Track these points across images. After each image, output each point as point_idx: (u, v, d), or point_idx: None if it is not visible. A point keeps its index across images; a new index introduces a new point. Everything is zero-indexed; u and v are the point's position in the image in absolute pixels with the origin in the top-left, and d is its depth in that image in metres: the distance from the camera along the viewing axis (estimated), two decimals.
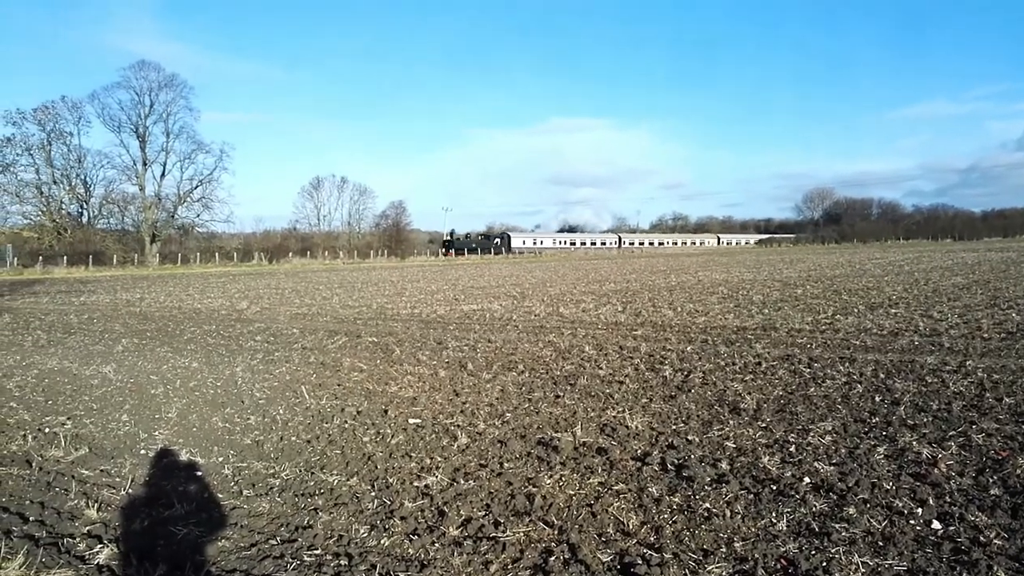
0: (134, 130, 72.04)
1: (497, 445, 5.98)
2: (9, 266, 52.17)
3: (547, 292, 23.38)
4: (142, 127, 72.13)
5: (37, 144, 67.41)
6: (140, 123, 72.00)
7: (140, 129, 72.13)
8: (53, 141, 68.36)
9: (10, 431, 6.97)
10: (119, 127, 71.75)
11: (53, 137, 68.27)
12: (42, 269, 51.37)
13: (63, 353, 12.13)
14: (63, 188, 70.26)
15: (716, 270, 36.45)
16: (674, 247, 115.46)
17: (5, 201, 66.86)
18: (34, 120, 66.97)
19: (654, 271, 37.33)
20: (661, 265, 46.31)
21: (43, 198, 68.75)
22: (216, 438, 6.56)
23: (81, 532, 4.46)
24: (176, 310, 20.11)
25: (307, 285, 31.22)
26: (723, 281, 26.95)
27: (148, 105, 71.93)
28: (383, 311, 18.08)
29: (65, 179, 70.17)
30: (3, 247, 57.02)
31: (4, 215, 67.05)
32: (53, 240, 64.82)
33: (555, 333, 12.74)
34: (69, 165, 70.12)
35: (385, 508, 4.68)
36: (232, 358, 11.01)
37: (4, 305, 23.39)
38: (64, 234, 66.55)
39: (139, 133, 72.19)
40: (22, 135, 66.44)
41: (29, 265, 53.22)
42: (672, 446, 5.77)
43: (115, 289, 31.35)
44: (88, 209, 72.87)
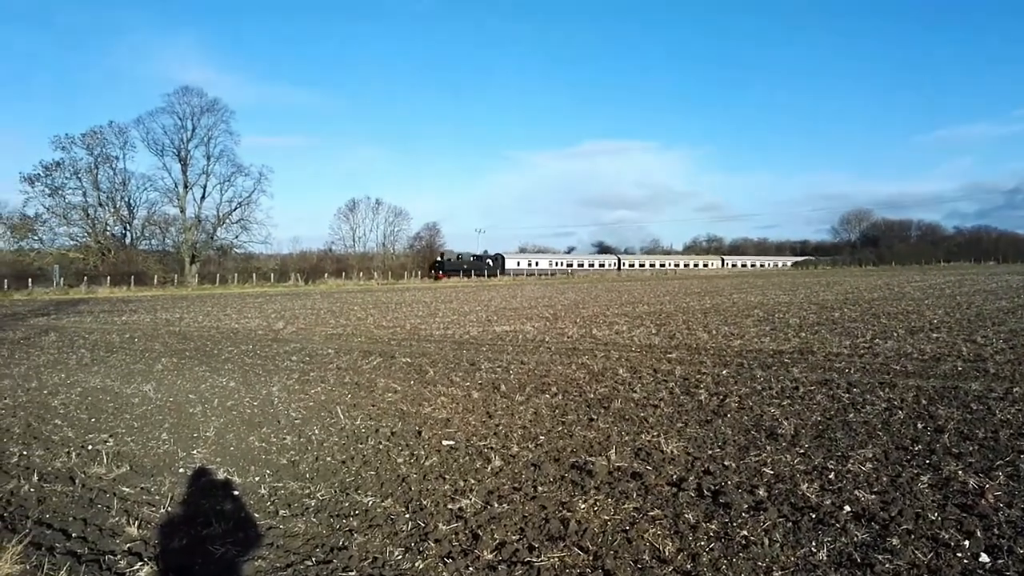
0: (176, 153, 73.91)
1: (531, 468, 5.95)
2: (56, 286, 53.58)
3: (580, 314, 23.32)
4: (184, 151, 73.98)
5: (85, 168, 69.58)
6: (182, 147, 73.87)
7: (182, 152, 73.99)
8: (100, 165, 70.50)
9: (55, 448, 7.13)
10: (162, 151, 73.69)
11: (100, 161, 70.40)
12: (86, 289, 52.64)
13: (106, 371, 12.39)
14: (108, 210, 72.26)
15: (751, 292, 36.03)
16: (676, 269, 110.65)
17: (53, 223, 69.00)
18: (82, 145, 69.19)
19: (688, 293, 37.04)
20: (696, 287, 45.92)
21: (89, 220, 70.74)
22: (253, 457, 6.64)
23: (122, 549, 4.54)
24: (214, 330, 20.45)
25: (342, 306, 31.55)
26: (758, 303, 26.62)
27: (190, 129, 73.81)
28: (416, 332, 18.18)
29: (110, 202, 72.20)
30: (51, 268, 58.71)
31: (52, 236, 69.13)
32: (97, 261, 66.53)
33: (588, 355, 12.68)
34: (114, 188, 72.17)
35: (419, 530, 4.68)
36: (268, 378, 11.15)
37: (51, 324, 24.00)
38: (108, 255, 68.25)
39: (181, 156, 74.03)
40: (71, 159, 68.68)
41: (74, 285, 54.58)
42: (708, 472, 5.70)
43: (155, 309, 31.99)
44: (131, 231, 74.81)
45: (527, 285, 59.97)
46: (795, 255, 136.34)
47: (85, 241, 70.04)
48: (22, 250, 66.84)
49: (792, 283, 49.22)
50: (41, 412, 8.95)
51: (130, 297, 47.30)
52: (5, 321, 25.68)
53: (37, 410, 9.09)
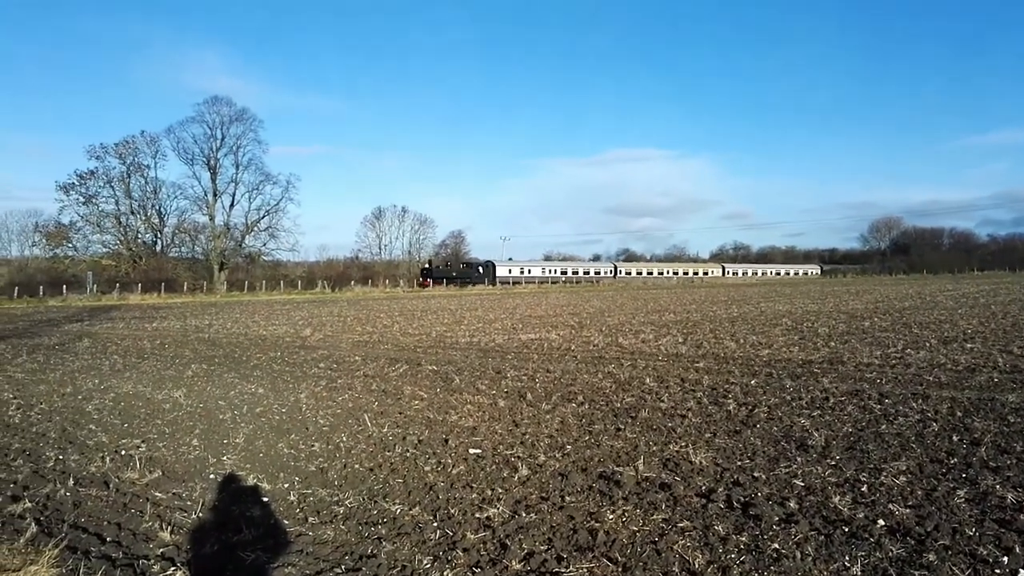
0: (206, 162, 75.06)
1: (558, 478, 5.94)
2: (89, 293, 54.61)
3: (606, 322, 23.23)
4: (213, 159, 75.11)
5: (117, 177, 70.88)
6: (212, 155, 75.01)
7: (211, 161, 75.11)
8: (132, 174, 71.77)
9: (90, 452, 7.25)
10: (192, 159, 74.90)
11: (132, 170, 71.68)
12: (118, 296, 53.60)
13: (137, 377, 12.59)
14: (140, 218, 73.51)
15: (779, 301, 35.66)
16: (677, 277, 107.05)
17: (87, 231, 70.42)
18: (115, 154, 70.52)
19: (715, 301, 36.74)
20: (722, 295, 45.55)
21: (121, 228, 72.01)
22: (282, 464, 6.70)
23: (155, 554, 4.60)
24: (243, 336, 20.69)
25: (368, 313, 31.75)
26: (787, 312, 26.33)
27: (219, 138, 74.94)
28: (442, 339, 18.24)
29: (142, 210, 73.43)
30: (84, 274, 59.84)
31: (86, 244, 70.54)
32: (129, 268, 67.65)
33: (615, 364, 12.63)
34: (146, 196, 73.42)
35: (447, 539, 4.69)
36: (296, 385, 11.25)
37: (84, 330, 24.45)
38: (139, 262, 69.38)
39: (211, 165, 75.16)
40: (104, 168, 70.03)
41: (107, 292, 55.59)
42: (738, 483, 5.64)
43: (185, 315, 32.45)
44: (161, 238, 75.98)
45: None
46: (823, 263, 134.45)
47: (117, 248, 71.32)
48: (57, 257, 68.26)
49: (820, 292, 48.61)
50: (76, 417, 9.11)
51: (160, 304, 48.05)
52: (41, 327, 26.20)
53: (72, 415, 9.26)
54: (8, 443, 7.73)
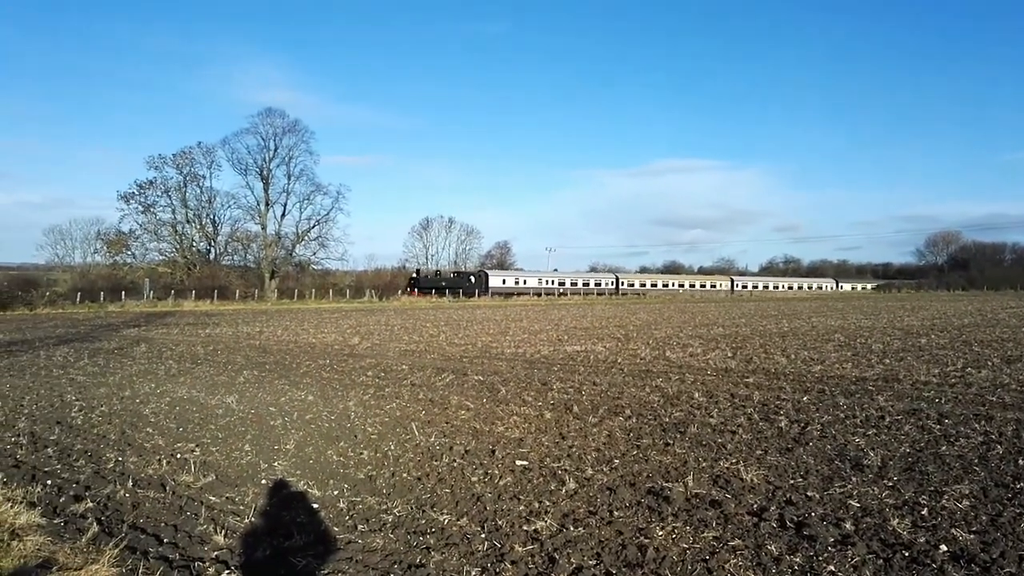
0: (259, 173, 76.69)
1: (606, 492, 5.89)
2: (146, 299, 56.18)
3: (652, 335, 23.02)
4: (266, 170, 76.69)
5: (175, 186, 72.81)
6: (264, 166, 76.59)
7: (264, 172, 76.70)
8: (188, 183, 73.61)
9: (147, 455, 7.45)
10: (246, 170, 76.59)
11: (188, 180, 73.53)
12: (173, 302, 54.98)
13: (191, 382, 12.90)
14: (195, 227, 75.34)
15: (831, 316, 34.88)
16: (683, 289, 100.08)
17: (145, 239, 72.51)
18: (173, 164, 72.48)
19: (765, 315, 36.12)
20: (772, 310, 44.76)
21: (177, 236, 73.93)
22: (331, 471, 6.78)
23: (210, 557, 4.69)
24: (293, 344, 21.05)
25: (415, 322, 32.03)
26: (839, 328, 25.74)
27: (272, 149, 76.48)
28: (488, 350, 18.29)
29: (197, 219, 75.26)
30: (142, 281, 61.63)
31: (144, 252, 72.63)
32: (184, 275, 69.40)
33: (662, 378, 12.50)
34: (201, 205, 75.23)
35: (495, 551, 4.69)
36: (345, 392, 11.40)
37: (141, 335, 25.18)
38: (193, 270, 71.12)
39: (263, 175, 76.77)
40: (162, 178, 72.07)
41: (163, 298, 57.04)
42: (790, 502, 5.52)
43: (237, 322, 33.17)
44: (215, 246, 77.73)
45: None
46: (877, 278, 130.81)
47: (173, 256, 73.21)
48: (117, 264, 70.40)
49: (874, 307, 47.41)
50: (134, 420, 9.37)
51: (213, 311, 49.20)
52: (101, 332, 27.07)
53: (130, 418, 9.52)
54: (71, 444, 7.99)
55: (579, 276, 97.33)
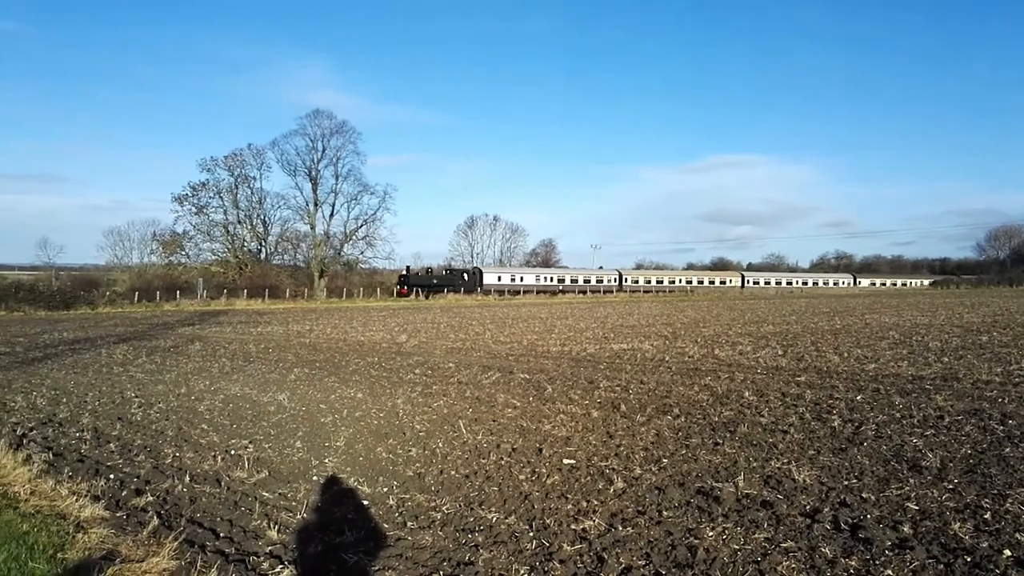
0: (308, 173, 77.96)
1: (655, 492, 5.84)
2: (200, 298, 57.67)
3: (700, 333, 22.74)
4: (315, 170, 77.92)
5: (226, 188, 74.55)
6: (313, 167, 77.82)
7: (313, 172, 77.95)
8: (239, 185, 75.29)
9: (203, 451, 7.65)
10: (295, 171, 77.95)
11: (239, 181, 75.19)
12: (226, 301, 56.38)
13: (244, 380, 13.19)
14: (246, 227, 77.03)
15: (885, 313, 33.99)
16: (702, 286, 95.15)
17: (198, 239, 74.47)
18: (225, 166, 74.21)
19: (816, 312, 35.36)
20: (824, 306, 43.80)
21: (229, 236, 75.69)
22: (380, 468, 6.87)
23: (264, 551, 4.80)
24: (341, 342, 21.37)
25: (460, 320, 32.20)
26: (894, 325, 25.07)
27: (320, 150, 77.65)
28: (533, 348, 18.29)
29: (248, 219, 76.94)
30: (196, 281, 63.29)
31: (197, 252, 74.61)
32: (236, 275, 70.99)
33: (711, 376, 12.34)
34: (252, 206, 76.86)
35: (544, 550, 4.69)
36: (393, 390, 11.53)
37: (196, 333, 25.85)
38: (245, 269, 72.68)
39: (312, 176, 78.03)
40: (214, 180, 73.86)
41: (216, 297, 58.55)
42: (845, 503, 5.40)
43: (287, 321, 33.80)
44: (266, 246, 79.30)
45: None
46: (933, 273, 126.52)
47: (225, 256, 74.95)
48: (172, 264, 72.45)
49: (931, 304, 46.04)
50: (190, 417, 9.63)
51: (264, 309, 50.23)
52: (157, 330, 27.87)
53: (186, 414, 9.79)
54: (132, 439, 8.26)
55: (580, 272, 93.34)
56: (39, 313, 41.72)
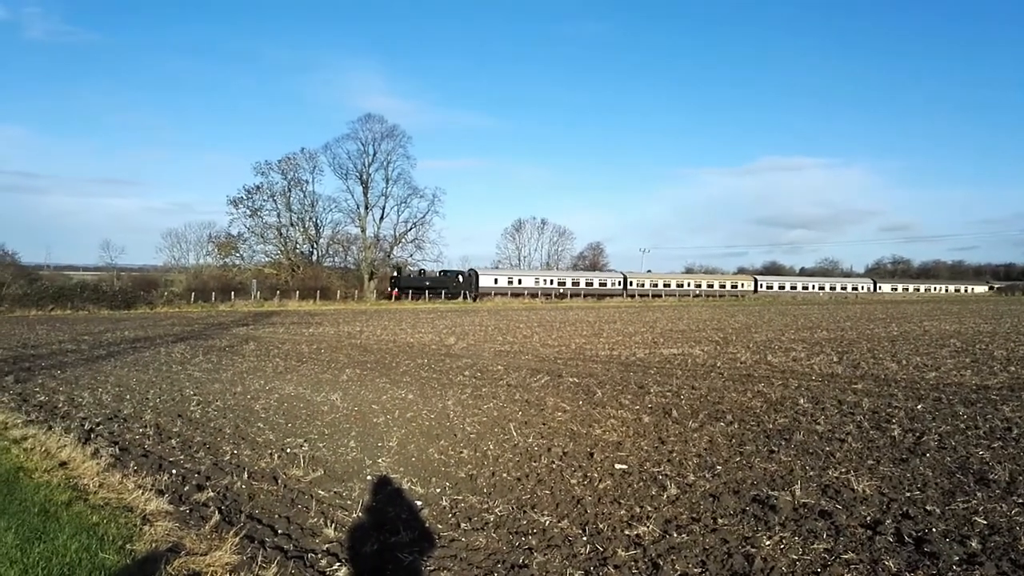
0: (359, 177, 79.14)
1: (709, 499, 5.77)
2: (254, 299, 58.99)
3: (752, 338, 22.37)
4: (365, 174, 79.07)
5: (280, 191, 76.15)
6: (364, 170, 78.98)
7: (364, 176, 79.10)
8: (292, 188, 76.84)
9: (259, 449, 7.83)
10: (346, 174, 79.23)
11: (292, 185, 76.72)
12: (278, 302, 57.50)
13: (298, 380, 13.44)
14: (298, 230, 78.50)
15: (945, 320, 32.94)
16: (702, 290, 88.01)
17: (252, 242, 76.22)
18: (278, 170, 75.81)
19: (872, 319, 34.47)
20: (880, 312, 42.67)
21: (282, 239, 77.25)
22: (433, 469, 6.93)
23: (321, 549, 4.89)
24: (391, 343, 21.62)
25: (508, 323, 32.28)
26: (955, 332, 24.28)
27: (371, 154, 78.76)
28: (582, 351, 18.23)
29: (300, 222, 78.40)
30: (250, 282, 64.78)
31: (251, 254, 76.38)
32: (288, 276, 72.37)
33: (764, 383, 12.13)
34: (304, 209, 78.32)
35: (598, 554, 4.67)
36: (443, 392, 11.62)
37: (250, 334, 26.45)
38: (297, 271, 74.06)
39: (363, 180, 79.19)
40: (268, 183, 75.53)
41: (268, 298, 59.77)
42: (908, 516, 5.25)
43: (338, 322, 34.32)
44: (317, 248, 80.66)
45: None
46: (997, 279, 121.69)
47: (278, 258, 76.48)
48: (227, 266, 74.31)
49: (994, 311, 44.45)
50: (246, 415, 9.85)
51: (315, 310, 51.09)
52: (213, 330, 28.60)
53: (243, 413, 10.02)
54: (192, 436, 8.49)
55: (582, 275, 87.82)
56: (102, 312, 43.18)
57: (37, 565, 4.39)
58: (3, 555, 4.56)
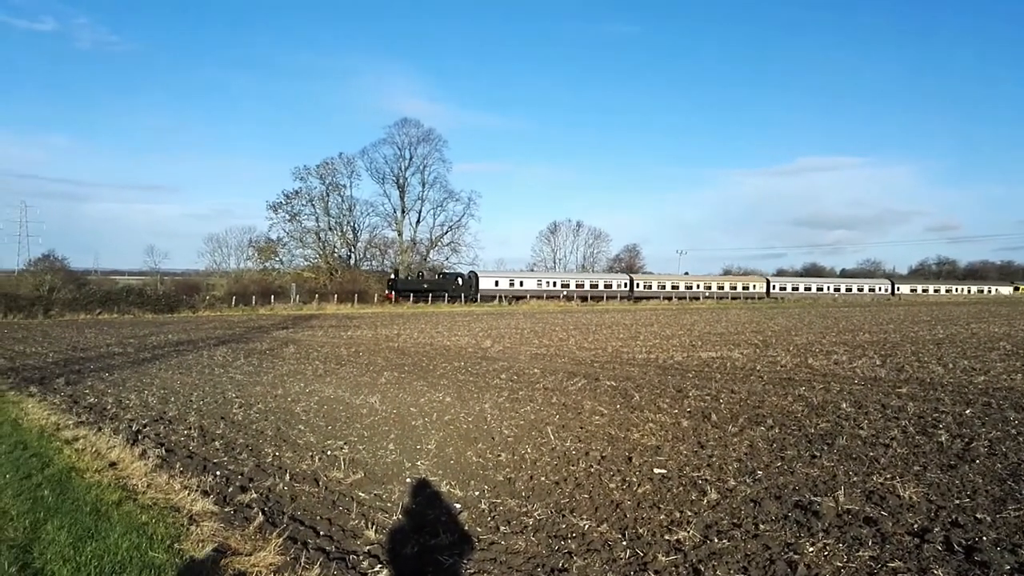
0: (395, 181, 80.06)
1: (750, 504, 5.71)
2: (293, 302, 59.86)
3: (792, 341, 22.04)
4: (402, 178, 79.97)
5: (318, 196, 77.26)
6: (400, 174, 79.88)
7: (400, 180, 80.00)
8: (330, 193, 77.90)
9: (300, 451, 7.94)
10: (383, 179, 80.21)
11: (330, 189, 77.77)
12: (317, 305, 58.23)
13: (337, 382, 13.60)
14: (336, 234, 79.53)
15: (994, 322, 32.07)
16: (711, 291, 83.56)
17: (291, 246, 77.40)
18: (317, 175, 76.92)
19: (916, 321, 33.71)
20: (925, 315, 41.70)
21: (320, 243, 78.33)
22: (471, 472, 6.96)
23: (363, 551, 4.94)
24: (428, 347, 21.75)
25: (544, 326, 32.26)
26: (1004, 335, 23.63)
27: (408, 158, 79.65)
28: (618, 355, 18.14)
29: (338, 226, 79.40)
30: (289, 286, 65.76)
31: (290, 258, 77.57)
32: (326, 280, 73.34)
33: (805, 386, 11.94)
34: (342, 214, 79.31)
35: (638, 559, 4.65)
36: (480, 395, 11.66)
37: (290, 337, 26.83)
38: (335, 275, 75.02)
39: (399, 184, 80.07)
40: (307, 188, 76.65)
41: (307, 302, 60.57)
42: (957, 523, 5.13)
43: (376, 325, 34.64)
44: (355, 252, 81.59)
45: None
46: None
47: (317, 262, 77.55)
48: (267, 270, 75.53)
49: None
50: (287, 417, 10.01)
51: (353, 314, 51.60)
52: (253, 333, 29.07)
53: (284, 415, 10.18)
54: (234, 438, 8.65)
55: (586, 277, 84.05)
56: (146, 316, 44.21)
57: (89, 563, 4.52)
58: (57, 553, 4.71)
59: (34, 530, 5.22)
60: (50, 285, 48.64)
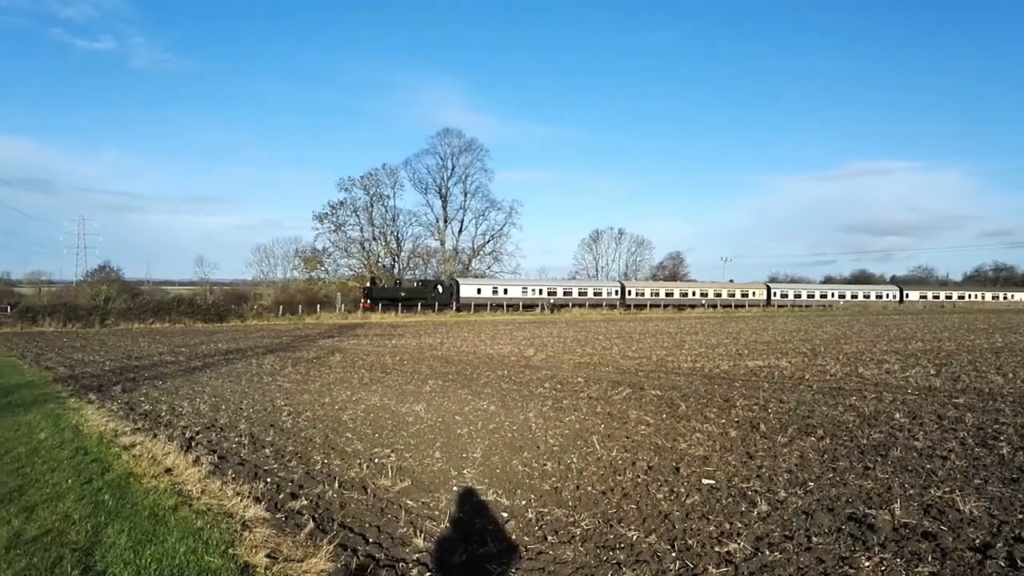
0: (438, 191, 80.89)
1: (801, 516, 5.60)
2: (338, 311, 60.75)
3: (842, 350, 21.57)
4: (444, 188, 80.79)
5: (362, 206, 78.46)
6: (443, 184, 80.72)
7: (443, 190, 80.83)
8: (374, 203, 79.03)
9: (348, 459, 8.04)
10: (426, 189, 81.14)
11: (374, 200, 78.93)
12: (361, 315, 59.02)
13: (383, 391, 13.74)
14: (380, 244, 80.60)
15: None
16: (720, 298, 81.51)
17: (336, 256, 78.63)
18: (361, 186, 78.15)
19: (972, 329, 32.71)
20: (982, 322, 40.43)
21: (364, 253, 79.48)
22: (517, 481, 6.96)
23: (412, 559, 4.98)
24: (471, 355, 21.84)
25: (587, 335, 32.13)
26: None
27: (450, 168, 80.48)
28: (663, 363, 17.97)
29: (382, 236, 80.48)
30: (334, 295, 66.76)
31: (335, 267, 78.81)
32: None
33: (856, 396, 11.67)
34: (385, 224, 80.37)
35: (688, 571, 4.60)
36: (524, 404, 11.66)
37: (335, 345, 27.21)
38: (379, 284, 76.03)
39: (442, 194, 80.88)
40: (351, 199, 77.86)
41: (352, 311, 61.49)
42: (1021, 539, 4.96)
43: (419, 334, 34.91)
44: (398, 262, 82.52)
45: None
46: None
47: (361, 272, 78.60)
48: (312, 279, 76.80)
49: None
50: (335, 425, 10.14)
51: (397, 323, 52.09)
52: (300, 342, 29.56)
53: (331, 423, 10.31)
54: (284, 446, 8.80)
55: (575, 284, 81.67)
56: (196, 325, 45.28)
57: (149, 566, 4.65)
58: (118, 556, 4.85)
59: (96, 533, 5.38)
60: (106, 295, 50.33)
